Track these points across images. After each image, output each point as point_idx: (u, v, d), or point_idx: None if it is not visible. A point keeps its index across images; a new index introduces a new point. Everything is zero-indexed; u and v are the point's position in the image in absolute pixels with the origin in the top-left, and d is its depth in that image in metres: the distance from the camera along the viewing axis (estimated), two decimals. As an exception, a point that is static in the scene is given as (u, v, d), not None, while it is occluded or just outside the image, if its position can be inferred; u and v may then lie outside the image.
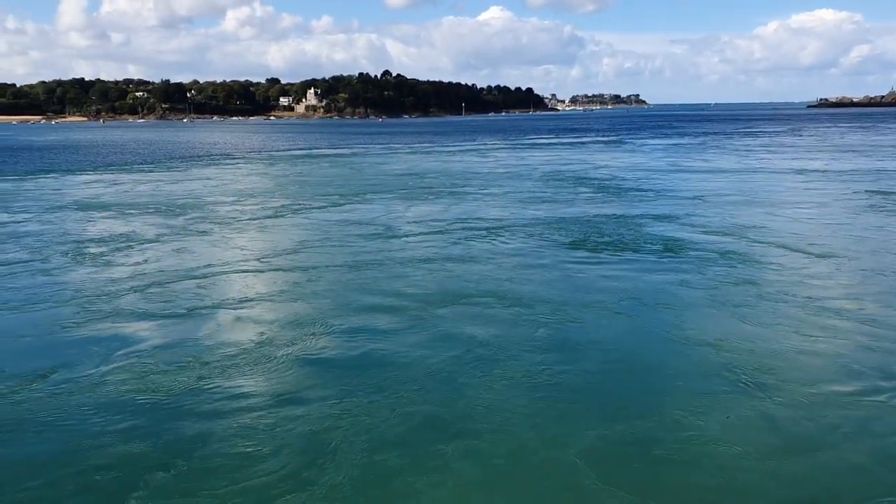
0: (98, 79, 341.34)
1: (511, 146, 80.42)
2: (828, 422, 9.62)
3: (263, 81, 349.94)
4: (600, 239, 22.28)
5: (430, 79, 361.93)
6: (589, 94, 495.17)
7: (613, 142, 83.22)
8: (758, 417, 9.75)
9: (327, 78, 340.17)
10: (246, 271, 18.59)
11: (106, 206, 31.53)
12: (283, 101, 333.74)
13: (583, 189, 35.82)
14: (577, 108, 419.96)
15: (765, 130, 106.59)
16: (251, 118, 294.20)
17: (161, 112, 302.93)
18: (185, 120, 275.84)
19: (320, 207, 30.66)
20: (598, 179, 40.37)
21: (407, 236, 23.43)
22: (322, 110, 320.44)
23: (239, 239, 23.35)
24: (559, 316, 14.39)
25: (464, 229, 24.61)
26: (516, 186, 37.79)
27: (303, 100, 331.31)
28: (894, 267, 18.09)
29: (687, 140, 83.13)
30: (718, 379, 11.01)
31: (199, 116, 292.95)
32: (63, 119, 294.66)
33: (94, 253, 21.00)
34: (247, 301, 15.72)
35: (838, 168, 44.67)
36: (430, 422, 9.76)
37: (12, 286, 17.13)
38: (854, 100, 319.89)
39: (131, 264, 19.41)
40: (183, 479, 8.32)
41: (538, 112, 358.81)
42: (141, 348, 12.67)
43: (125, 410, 10.13)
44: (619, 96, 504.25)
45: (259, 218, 27.82)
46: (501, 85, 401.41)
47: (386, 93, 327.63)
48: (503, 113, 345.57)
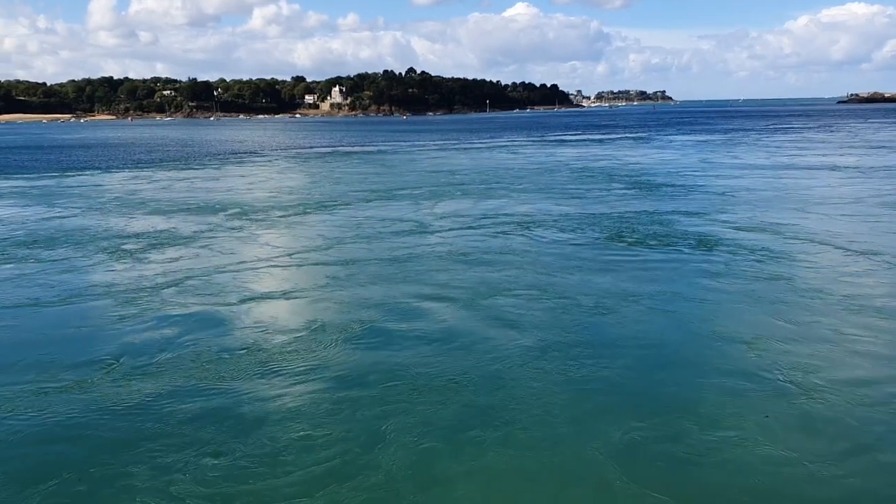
0: (126, 77, 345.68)
1: (539, 143, 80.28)
2: (870, 424, 9.41)
3: (289, 80, 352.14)
4: (635, 234, 22.23)
5: (456, 76, 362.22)
6: (615, 91, 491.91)
7: (642, 138, 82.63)
8: (796, 418, 9.57)
9: (352, 76, 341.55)
10: (289, 265, 18.85)
11: (145, 203, 31.95)
12: (309, 99, 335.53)
13: (615, 185, 35.69)
14: (603, 105, 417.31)
15: (794, 126, 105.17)
16: (277, 116, 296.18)
17: (188, 110, 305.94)
18: (212, 118, 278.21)
19: (356, 203, 30.82)
20: (629, 175, 40.15)
21: (444, 231, 23.64)
22: (347, 108, 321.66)
23: (280, 234, 23.61)
24: (595, 309, 14.43)
25: (499, 224, 24.82)
26: (548, 182, 37.75)
27: (328, 98, 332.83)
28: (934, 264, 17.81)
29: (716, 136, 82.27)
30: (755, 377, 10.85)
31: (226, 114, 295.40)
32: (92, 117, 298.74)
33: (141, 247, 21.37)
34: (291, 293, 16.09)
35: (871, 164, 43.99)
36: (470, 411, 9.90)
37: (74, 278, 17.54)
38: (886, 95, 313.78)
39: (178, 258, 19.72)
40: (235, 462, 8.54)
41: (563, 108, 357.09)
42: (193, 337, 13.03)
43: (185, 396, 10.45)
44: (645, 93, 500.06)
45: (297, 214, 28.03)
46: (527, 81, 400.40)
47: (410, 90, 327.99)
48: (528, 110, 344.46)
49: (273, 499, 7.87)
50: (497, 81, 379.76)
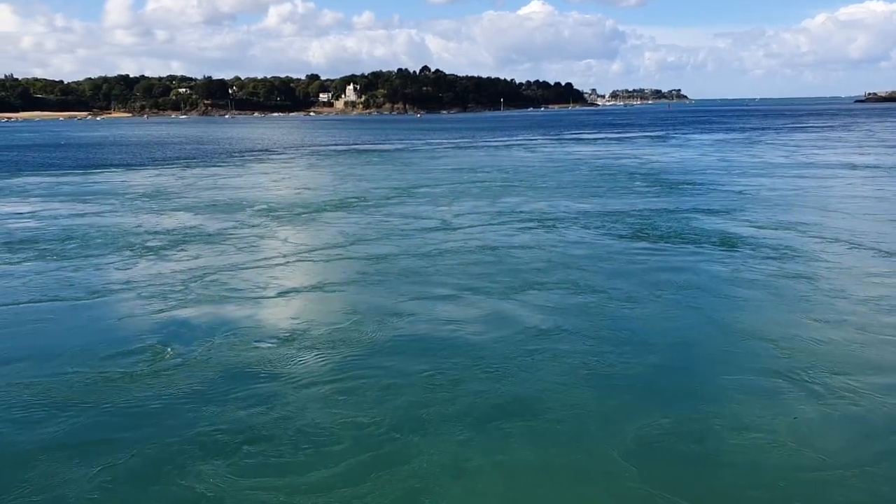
0: (142, 75, 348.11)
1: (556, 141, 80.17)
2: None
3: (304, 78, 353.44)
4: (658, 232, 22.24)
5: (470, 74, 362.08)
6: (630, 89, 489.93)
7: (659, 137, 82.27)
8: (826, 420, 9.39)
9: (367, 74, 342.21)
10: (318, 261, 18.98)
11: (170, 200, 32.15)
12: (323, 97, 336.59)
13: (635, 183, 35.61)
14: (618, 104, 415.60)
15: (812, 125, 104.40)
16: (291, 114, 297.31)
17: (203, 108, 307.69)
18: (227, 116, 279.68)
19: (378, 200, 30.91)
20: (649, 174, 40.03)
21: (468, 227, 23.75)
22: (361, 106, 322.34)
23: (307, 231, 23.70)
24: (621, 305, 14.46)
25: (522, 220, 24.93)
26: (569, 180, 37.75)
27: (342, 96, 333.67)
28: (961, 264, 17.65)
29: (733, 135, 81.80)
30: (784, 377, 10.72)
31: (241, 112, 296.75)
32: (108, 115, 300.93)
33: (172, 243, 21.52)
34: (323, 287, 16.31)
35: (891, 163, 43.65)
36: (498, 402, 10.00)
37: (112, 273, 17.74)
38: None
39: (209, 254, 19.85)
40: (274, 449, 8.68)
41: (578, 107, 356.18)
42: (231, 329, 13.25)
43: (225, 384, 10.68)
44: (661, 91, 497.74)
45: (321, 211, 28.11)
46: (541, 80, 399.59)
47: (424, 88, 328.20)
48: (542, 108, 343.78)
49: (306, 484, 7.99)
50: (511, 80, 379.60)
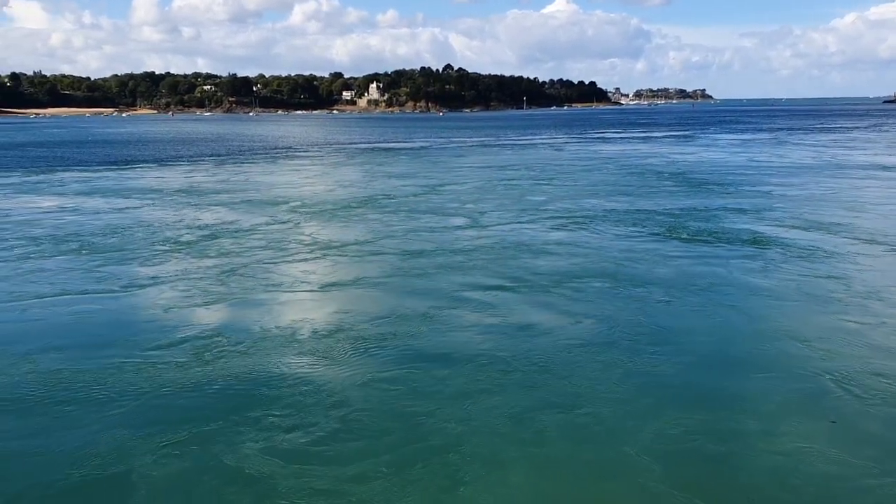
0: (168, 72, 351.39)
1: (581, 139, 79.91)
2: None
3: (327, 76, 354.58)
4: (688, 231, 22.16)
5: (493, 72, 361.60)
6: (654, 89, 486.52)
7: (685, 136, 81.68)
8: (865, 425, 9.22)
9: (389, 72, 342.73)
10: (353, 256, 19.17)
11: (204, 196, 32.41)
12: (346, 96, 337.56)
13: (663, 182, 35.44)
14: (642, 103, 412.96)
15: (841, 126, 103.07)
16: (314, 112, 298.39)
17: (228, 105, 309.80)
18: (252, 113, 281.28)
19: (407, 198, 31.06)
20: (677, 173, 39.79)
21: (499, 225, 23.89)
22: (384, 104, 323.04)
23: (339, 227, 23.85)
24: (653, 303, 14.48)
25: (553, 218, 25.02)
26: (597, 179, 37.69)
27: (365, 94, 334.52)
28: None
29: (761, 135, 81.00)
30: (820, 380, 10.59)
31: (264, 110, 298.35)
32: (134, 111, 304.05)
33: (211, 238, 21.81)
34: (360, 281, 16.54)
35: (924, 164, 43.01)
36: (531, 397, 10.12)
37: (151, 267, 17.99)
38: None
39: (247, 250, 20.02)
40: (315, 437, 8.82)
41: (601, 106, 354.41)
42: (270, 321, 13.47)
43: (264, 374, 10.85)
44: (685, 91, 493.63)
45: (351, 208, 28.21)
46: (564, 79, 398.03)
47: (447, 87, 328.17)
48: (565, 107, 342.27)
49: (347, 472, 8.12)
50: (535, 78, 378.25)
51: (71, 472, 8.23)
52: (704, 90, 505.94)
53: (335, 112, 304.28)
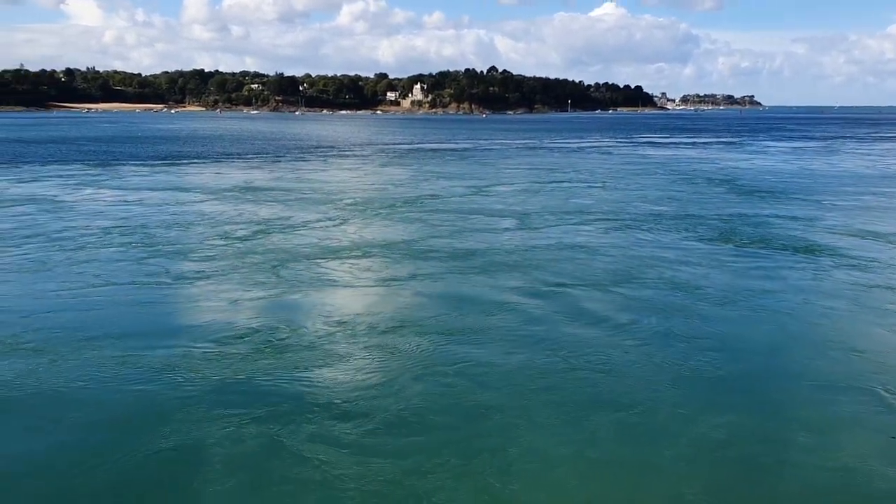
0: (217, 70, 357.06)
1: (627, 143, 79.21)
2: None
3: (372, 76, 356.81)
4: (740, 237, 21.96)
5: (538, 75, 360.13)
6: (701, 94, 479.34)
7: (734, 143, 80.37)
8: None
9: (434, 73, 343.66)
10: (401, 255, 19.28)
11: (260, 193, 32.93)
12: (390, 96, 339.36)
13: (714, 188, 35.05)
14: (688, 108, 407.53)
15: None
16: (358, 112, 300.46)
17: (274, 104, 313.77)
18: (297, 112, 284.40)
19: (456, 198, 31.20)
20: (727, 179, 39.24)
21: (549, 227, 23.97)
22: (427, 105, 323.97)
23: (393, 225, 24.12)
24: (705, 308, 14.40)
25: (602, 221, 25.06)
26: (647, 183, 37.43)
27: (409, 95, 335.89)
28: None
29: (813, 143, 79.30)
30: (878, 394, 10.34)
31: (310, 109, 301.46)
32: (182, 108, 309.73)
33: (261, 232, 22.23)
34: (415, 278, 16.71)
35: None
36: (585, 396, 10.26)
37: (211, 260, 18.37)
38: None
39: (300, 245, 20.38)
40: (369, 429, 8.93)
41: (647, 111, 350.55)
42: (329, 313, 13.72)
43: (321, 366, 10.99)
44: (733, 97, 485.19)
45: (402, 206, 28.46)
46: (610, 82, 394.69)
47: (491, 88, 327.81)
48: (610, 111, 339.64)
49: (403, 464, 8.28)
50: (580, 81, 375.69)
51: (147, 447, 8.52)
52: (753, 96, 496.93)
53: (379, 112, 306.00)
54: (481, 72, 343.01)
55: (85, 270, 17.11)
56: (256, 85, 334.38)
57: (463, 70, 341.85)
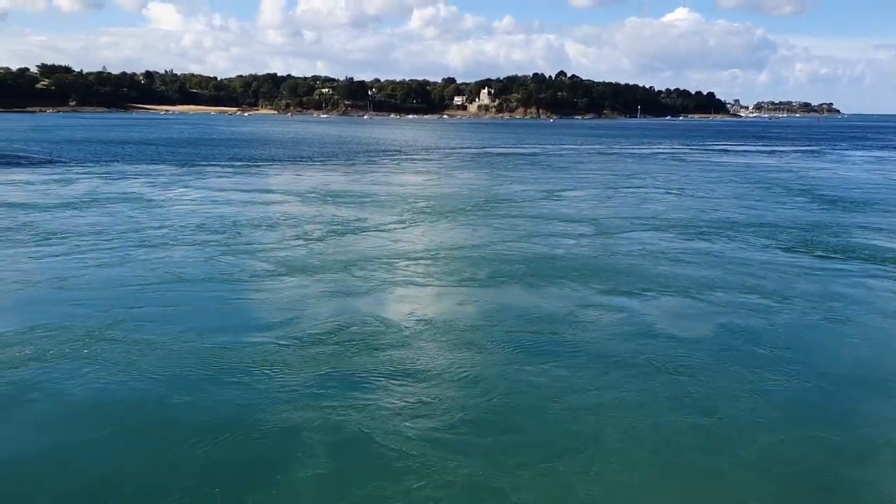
0: (289, 74, 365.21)
1: (702, 150, 77.73)
2: None
3: (440, 81, 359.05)
4: (821, 247, 21.40)
5: (608, 80, 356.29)
6: (775, 101, 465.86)
7: (812, 151, 77.92)
8: None
9: (501, 78, 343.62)
10: (477, 257, 19.45)
11: (337, 195, 33.50)
12: (457, 101, 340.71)
13: (794, 198, 34.15)
14: (762, 115, 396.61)
15: None
16: (425, 116, 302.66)
17: (343, 108, 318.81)
18: (366, 116, 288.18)
19: (529, 201, 31.32)
20: (806, 188, 38.15)
21: (629, 231, 23.95)
22: (494, 110, 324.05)
23: (460, 228, 24.26)
24: (785, 317, 14.25)
25: (680, 227, 24.90)
26: (724, 191, 36.74)
27: (476, 99, 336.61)
28: None
29: (896, 153, 76.34)
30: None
31: (377, 113, 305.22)
32: (255, 111, 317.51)
33: (337, 232, 22.73)
34: (488, 280, 16.85)
35: None
36: (661, 401, 10.25)
37: (290, 258, 18.91)
38: None
39: (374, 246, 20.76)
40: (439, 429, 9.08)
41: (718, 118, 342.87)
42: (396, 315, 13.82)
43: (389, 366, 11.17)
44: (810, 104, 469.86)
45: (477, 208, 28.69)
46: (681, 88, 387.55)
47: (559, 93, 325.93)
48: (681, 117, 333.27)
49: (477, 463, 8.42)
50: (650, 87, 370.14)
51: (244, 432, 8.94)
52: (831, 104, 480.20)
53: (445, 117, 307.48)
54: (550, 76, 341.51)
55: (179, 265, 17.88)
56: (326, 89, 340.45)
57: (531, 75, 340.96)
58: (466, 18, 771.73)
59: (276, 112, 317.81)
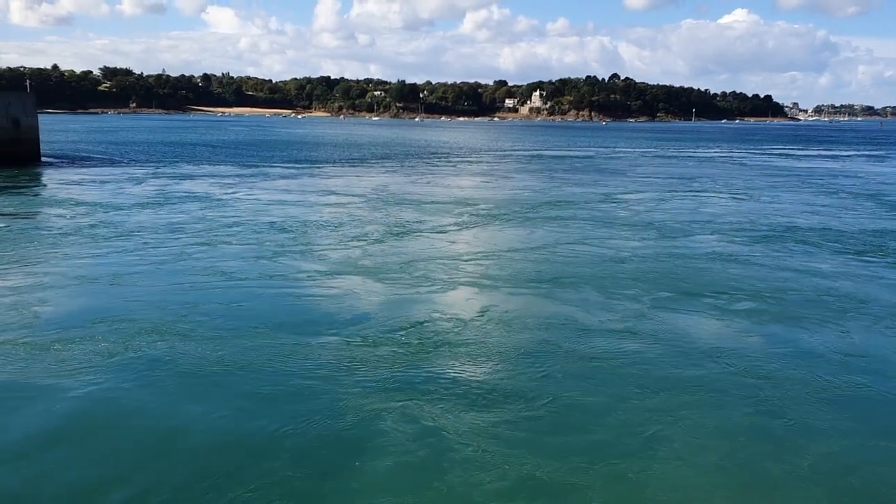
0: (342, 77, 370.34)
1: (761, 155, 76.23)
2: None
3: (491, 83, 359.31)
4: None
5: (662, 83, 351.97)
6: (836, 105, 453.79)
7: (877, 156, 75.58)
8: None
9: (554, 80, 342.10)
10: (539, 259, 19.46)
11: (392, 196, 34.06)
12: (509, 103, 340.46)
13: (864, 203, 33.31)
14: (822, 119, 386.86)
15: None
16: (476, 119, 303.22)
17: (395, 111, 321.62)
18: (417, 119, 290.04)
19: (587, 204, 31.18)
20: (874, 194, 37.10)
21: (698, 236, 23.77)
22: (545, 112, 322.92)
23: (520, 231, 24.26)
24: (861, 324, 14.01)
25: (751, 231, 24.69)
26: (791, 196, 36.05)
27: (527, 102, 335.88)
28: None
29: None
30: None
31: (428, 116, 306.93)
32: (309, 114, 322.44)
33: (397, 234, 22.90)
34: (553, 282, 16.81)
35: None
36: (732, 404, 10.20)
37: (346, 256, 19.26)
38: None
39: (430, 247, 20.94)
40: (497, 428, 9.10)
41: (776, 121, 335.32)
42: (445, 316, 13.85)
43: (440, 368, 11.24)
44: (873, 108, 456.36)
45: (528, 213, 28.64)
46: (738, 91, 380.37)
47: (612, 96, 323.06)
48: (737, 120, 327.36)
49: (540, 462, 8.49)
50: (706, 90, 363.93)
51: (320, 425, 9.18)
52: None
53: (496, 119, 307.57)
54: (603, 79, 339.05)
55: (253, 262, 18.39)
56: (379, 92, 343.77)
57: (584, 77, 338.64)
58: (520, 21, 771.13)
59: (329, 114, 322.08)
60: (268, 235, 22.33)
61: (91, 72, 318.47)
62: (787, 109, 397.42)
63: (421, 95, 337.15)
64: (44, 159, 48.14)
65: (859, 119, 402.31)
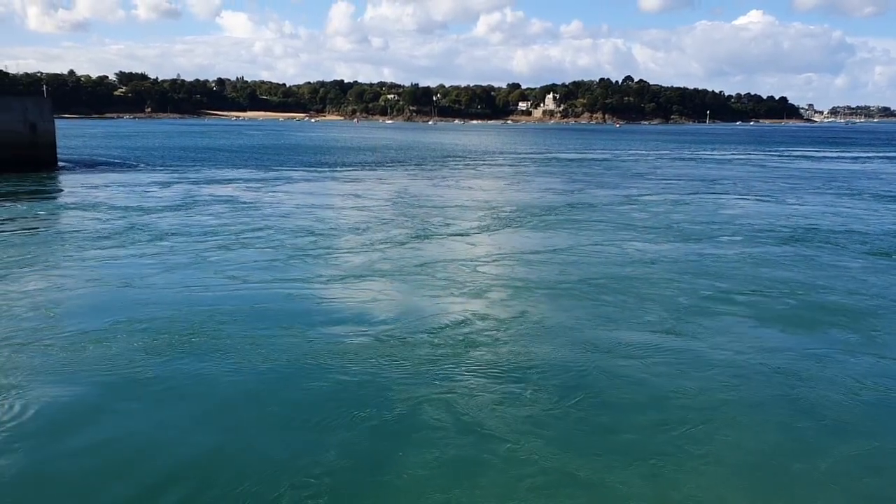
0: (356, 81, 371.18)
1: (779, 157, 75.91)
2: None
3: (504, 86, 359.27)
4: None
5: (676, 85, 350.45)
6: (852, 106, 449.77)
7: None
8: None
9: (567, 83, 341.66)
10: (561, 263, 19.45)
11: (411, 199, 34.28)
12: (522, 106, 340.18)
13: (889, 205, 33.12)
14: (838, 121, 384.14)
15: None
16: (489, 122, 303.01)
17: (408, 114, 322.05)
18: (430, 122, 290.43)
19: (609, 206, 31.29)
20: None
21: (726, 237, 23.82)
22: (559, 115, 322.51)
23: (542, 234, 24.33)
24: (888, 325, 14.00)
25: (778, 232, 24.75)
26: (814, 198, 35.90)
27: (541, 104, 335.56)
28: None
29: None
30: None
31: (442, 119, 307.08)
32: (323, 117, 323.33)
33: (418, 237, 23.09)
34: (577, 284, 16.81)
35: None
36: (765, 402, 10.19)
37: (364, 260, 19.44)
38: None
39: (451, 250, 21.09)
40: (507, 424, 9.23)
41: (792, 123, 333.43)
42: (465, 319, 13.90)
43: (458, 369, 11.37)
44: (889, 109, 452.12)
45: (547, 216, 28.70)
46: (753, 93, 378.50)
47: (626, 98, 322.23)
48: (752, 122, 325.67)
49: (568, 458, 8.61)
50: (720, 92, 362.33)
51: (348, 423, 9.32)
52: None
53: (509, 122, 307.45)
54: (616, 81, 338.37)
55: (281, 263, 18.61)
56: (392, 95, 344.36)
57: (597, 80, 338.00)
58: (533, 23, 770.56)
59: (343, 118, 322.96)
60: (295, 239, 22.53)
61: (107, 77, 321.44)
62: (803, 111, 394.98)
63: (434, 98, 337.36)
64: (60, 164, 48.46)
65: (875, 120, 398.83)
